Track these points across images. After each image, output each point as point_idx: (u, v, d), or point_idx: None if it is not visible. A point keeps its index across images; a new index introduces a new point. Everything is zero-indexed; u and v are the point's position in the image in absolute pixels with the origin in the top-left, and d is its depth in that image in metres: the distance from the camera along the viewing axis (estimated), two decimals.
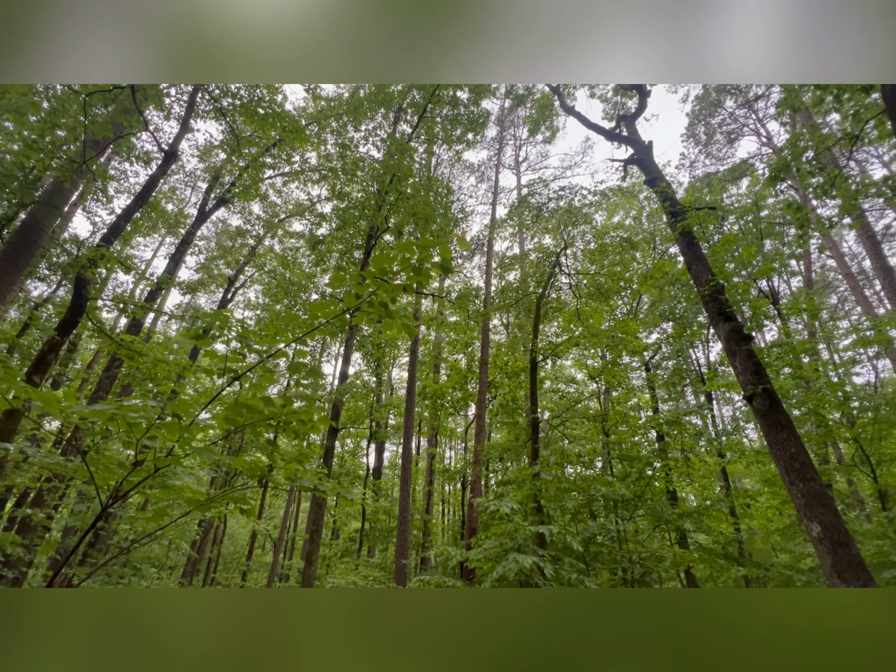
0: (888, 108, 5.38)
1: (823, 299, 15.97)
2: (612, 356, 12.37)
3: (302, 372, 2.17)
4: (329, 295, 13.86)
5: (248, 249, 18.44)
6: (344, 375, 11.99)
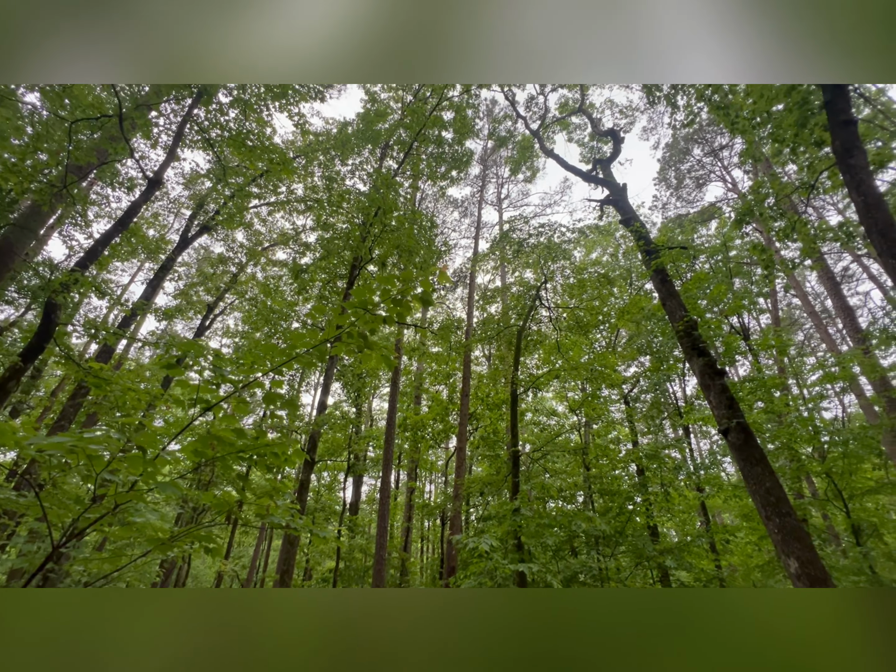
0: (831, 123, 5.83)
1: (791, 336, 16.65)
2: (592, 389, 12.50)
3: (278, 403, 2.12)
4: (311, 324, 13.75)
5: (230, 276, 18.31)
6: (322, 406, 11.74)
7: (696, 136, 17.83)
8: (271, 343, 1.89)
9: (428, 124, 13.83)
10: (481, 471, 18.74)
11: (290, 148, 15.22)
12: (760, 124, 8.20)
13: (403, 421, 17.04)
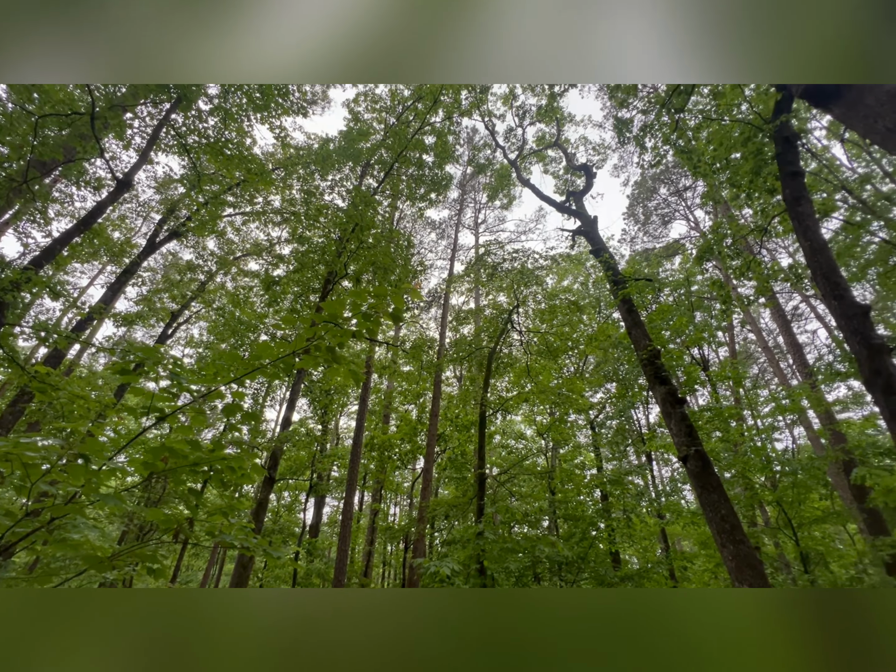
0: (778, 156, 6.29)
1: (746, 369, 17.51)
2: (560, 413, 12.67)
3: (238, 415, 2.05)
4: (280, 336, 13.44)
5: (198, 285, 17.76)
6: (287, 422, 11.39)
7: (662, 177, 18.92)
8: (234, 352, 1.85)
9: (409, 147, 14.11)
10: (448, 493, 18.48)
11: (269, 160, 15.15)
12: (720, 169, 8.80)
13: (371, 440, 16.70)
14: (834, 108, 3.85)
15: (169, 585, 14.68)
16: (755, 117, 7.84)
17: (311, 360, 2.18)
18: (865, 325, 5.16)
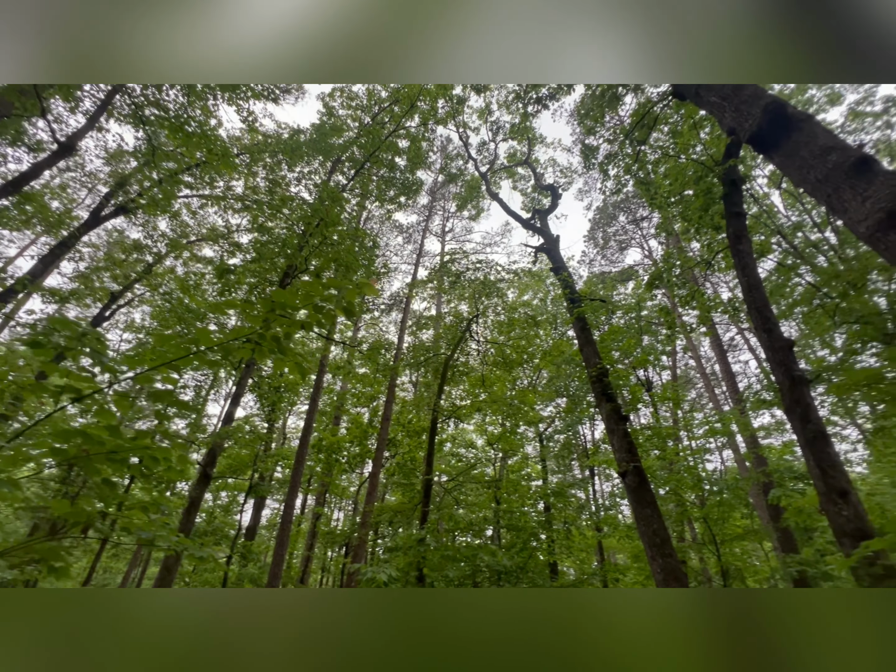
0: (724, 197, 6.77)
1: (685, 392, 18.61)
2: (511, 424, 12.88)
3: (166, 402, 1.92)
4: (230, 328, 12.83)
5: (144, 266, 16.66)
6: (230, 417, 10.84)
7: (622, 205, 19.91)
8: (169, 334, 1.73)
9: (382, 148, 14.02)
10: (394, 499, 18.24)
11: (234, 143, 14.54)
12: (674, 203, 9.37)
13: (319, 441, 16.21)
14: (774, 156, 4.20)
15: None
16: (707, 159, 8.43)
17: (254, 347, 2.09)
18: (789, 358, 5.63)
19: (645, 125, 7.79)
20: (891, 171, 3.33)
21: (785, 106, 3.95)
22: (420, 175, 16.86)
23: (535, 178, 14.13)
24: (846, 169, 3.44)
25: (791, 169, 3.95)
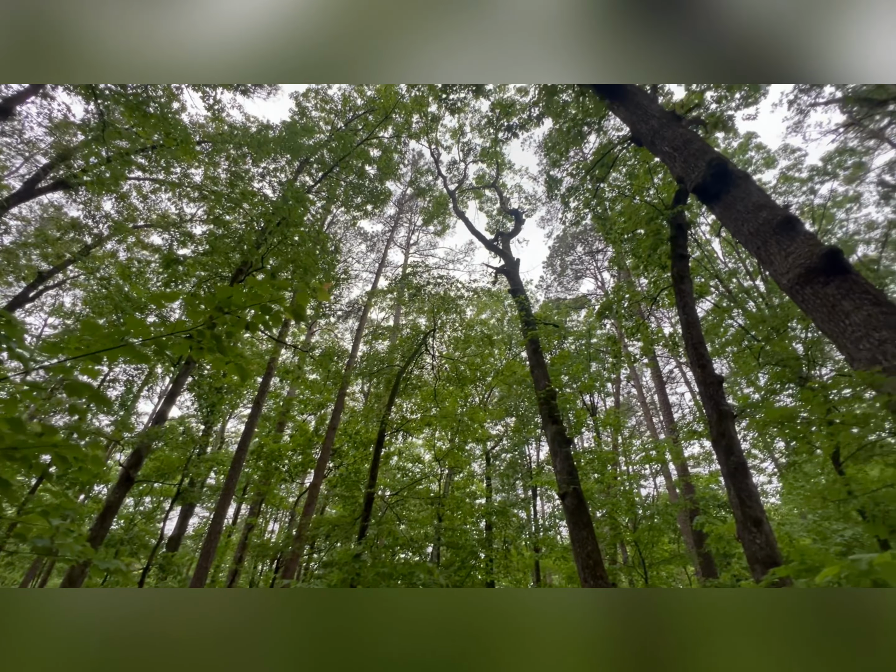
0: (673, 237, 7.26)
1: (626, 419, 19.52)
2: (460, 440, 12.91)
3: (85, 397, 1.76)
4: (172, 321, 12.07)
5: (81, 247, 15.42)
6: (162, 416, 10.14)
7: (580, 236, 20.90)
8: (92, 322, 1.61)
9: (354, 154, 13.95)
10: (335, 512, 17.63)
11: (197, 130, 13.93)
12: (627, 240, 9.95)
13: (259, 447, 15.46)
14: (715, 206, 4.59)
15: None
16: (659, 202, 9.06)
17: (191, 344, 1.97)
18: (718, 393, 6.06)
19: (605, 164, 8.27)
20: (810, 232, 3.73)
21: (726, 163, 4.34)
22: (389, 185, 16.89)
23: (501, 202, 14.56)
24: (774, 226, 3.81)
25: (728, 220, 4.32)
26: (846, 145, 13.00)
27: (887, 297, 3.45)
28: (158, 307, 1.86)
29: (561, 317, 15.58)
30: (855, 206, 13.09)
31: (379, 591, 1.78)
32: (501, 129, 11.73)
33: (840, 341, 3.25)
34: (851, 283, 3.22)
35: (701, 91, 8.77)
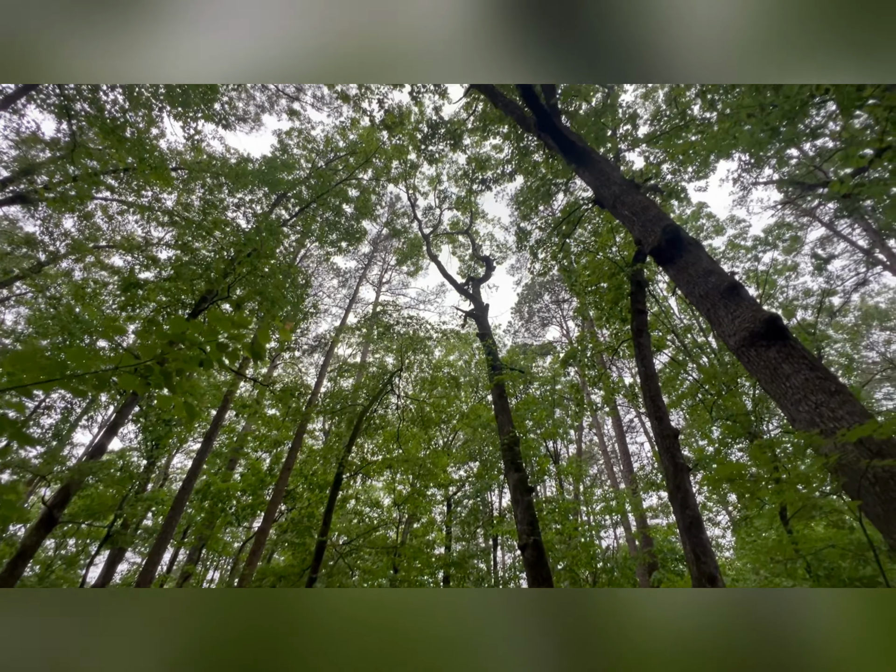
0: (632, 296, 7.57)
1: (588, 467, 19.61)
2: (421, 485, 12.51)
3: (5, 433, 1.62)
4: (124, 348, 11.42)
5: (33, 264, 14.64)
6: (100, 449, 9.37)
7: (547, 285, 21.74)
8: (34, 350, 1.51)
9: (332, 192, 14.22)
10: (283, 560, 16.40)
11: (173, 157, 13.89)
12: (590, 293, 10.41)
13: (206, 486, 14.41)
14: (670, 268, 4.91)
15: None
16: (620, 259, 9.62)
17: (136, 380, 1.87)
18: (674, 445, 6.22)
19: (571, 221, 8.77)
20: (753, 298, 4.04)
21: (679, 230, 4.70)
22: (365, 224, 17.20)
23: (473, 248, 15.06)
24: (722, 290, 4.10)
25: (682, 282, 4.62)
26: (784, 220, 14.43)
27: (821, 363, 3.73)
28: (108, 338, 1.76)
29: (527, 362, 15.84)
30: (793, 274, 14.37)
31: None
32: (476, 182, 12.33)
33: (782, 402, 3.44)
34: (790, 348, 3.47)
35: (658, 163, 9.61)
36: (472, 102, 11.02)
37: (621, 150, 9.37)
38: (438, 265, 13.75)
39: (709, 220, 14.90)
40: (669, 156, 9.08)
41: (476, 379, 16.17)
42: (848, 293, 14.30)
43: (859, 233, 14.60)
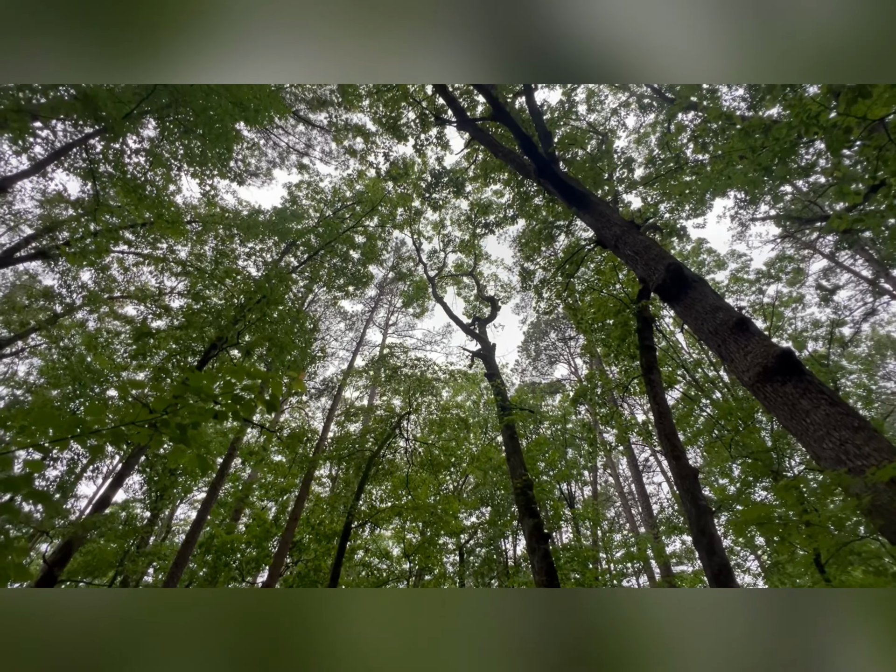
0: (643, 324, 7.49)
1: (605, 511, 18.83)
2: (432, 533, 12.03)
3: (22, 492, 1.60)
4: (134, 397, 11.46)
5: (49, 316, 15.02)
6: (104, 502, 9.20)
7: (553, 323, 21.82)
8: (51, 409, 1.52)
9: (339, 239, 14.69)
10: None
11: (188, 210, 14.53)
12: (597, 330, 10.42)
13: (209, 539, 13.95)
14: (676, 305, 4.94)
15: None
16: (625, 296, 9.69)
17: (152, 434, 1.87)
18: (695, 486, 5.99)
19: (574, 262, 8.94)
20: (763, 332, 4.02)
21: (682, 268, 4.76)
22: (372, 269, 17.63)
23: (478, 289, 15.29)
24: (731, 326, 4.10)
25: (689, 319, 4.63)
26: (785, 253, 14.59)
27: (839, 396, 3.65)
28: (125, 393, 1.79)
29: (536, 401, 15.63)
30: (799, 305, 14.35)
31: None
32: (480, 226, 12.70)
33: (804, 439, 3.34)
34: (807, 383, 3.41)
35: (655, 203, 9.90)
36: (473, 153, 11.56)
37: (618, 191, 9.68)
38: (444, 306, 13.93)
39: (709, 255, 15.11)
40: (666, 196, 9.36)
41: (485, 419, 15.92)
42: (857, 323, 14.20)
43: (862, 263, 14.70)
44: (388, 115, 10.73)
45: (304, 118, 16.13)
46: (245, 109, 8.45)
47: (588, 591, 1.91)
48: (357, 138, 14.41)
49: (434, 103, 10.58)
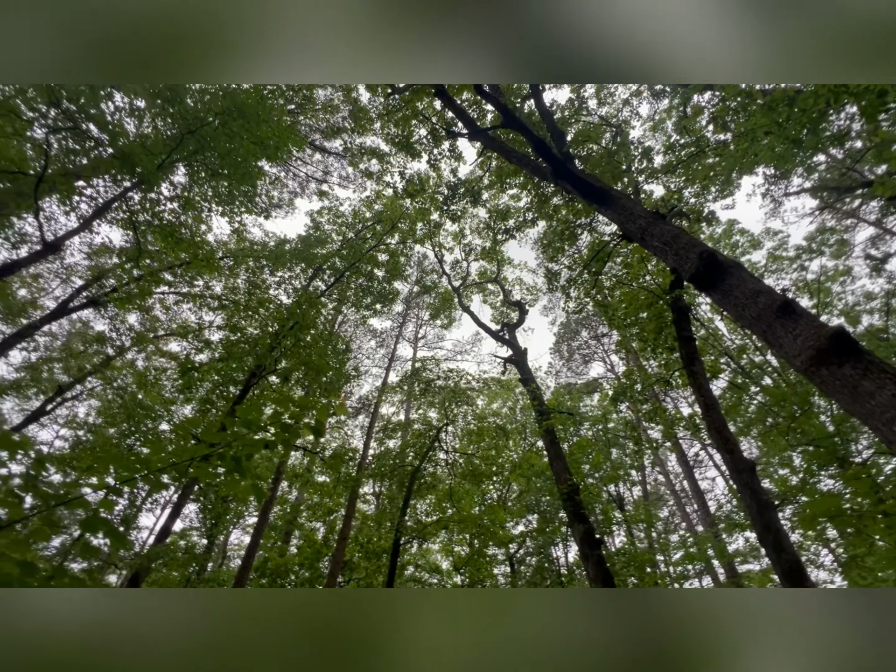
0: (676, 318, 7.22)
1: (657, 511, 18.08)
2: (480, 545, 11.90)
3: (100, 532, 1.71)
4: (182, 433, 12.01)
5: (102, 359, 16.00)
6: (165, 533, 9.61)
7: (584, 322, 21.39)
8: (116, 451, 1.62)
9: (363, 260, 15.01)
10: None
11: (220, 247, 15.25)
12: (630, 324, 10.15)
13: (263, 562, 14.31)
14: (713, 293, 4.75)
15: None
16: (656, 288, 9.42)
17: (209, 468, 1.95)
18: (753, 480, 5.68)
19: (600, 259, 8.77)
20: (811, 313, 3.81)
21: (715, 254, 4.59)
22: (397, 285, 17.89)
23: (503, 295, 15.22)
24: (775, 310, 3.90)
25: (728, 306, 4.44)
26: (825, 225, 13.81)
27: None
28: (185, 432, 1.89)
29: (574, 402, 15.31)
30: (848, 279, 13.49)
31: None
32: (500, 232, 12.70)
33: (871, 423, 3.12)
34: (867, 362, 3.19)
35: (678, 189, 9.61)
36: (486, 161, 11.62)
37: (639, 182, 9.47)
38: (471, 315, 13.93)
39: (742, 236, 14.49)
40: (689, 181, 9.08)
41: (523, 425, 15.71)
42: None
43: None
44: (399, 134, 10.96)
45: (320, 147, 16.70)
46: (266, 148, 8.84)
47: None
48: (372, 160, 14.78)
49: (444, 118, 10.74)
